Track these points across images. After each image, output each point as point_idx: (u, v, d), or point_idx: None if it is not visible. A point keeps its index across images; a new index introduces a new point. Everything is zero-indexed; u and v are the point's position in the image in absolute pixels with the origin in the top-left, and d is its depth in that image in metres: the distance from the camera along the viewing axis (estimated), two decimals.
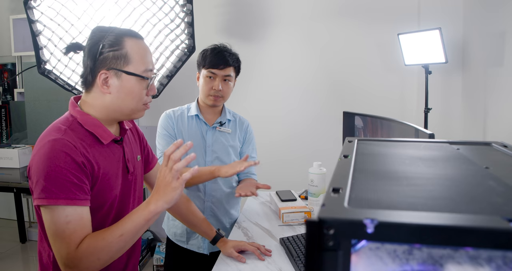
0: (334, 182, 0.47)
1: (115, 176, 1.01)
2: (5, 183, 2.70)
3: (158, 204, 0.90)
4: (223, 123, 1.61)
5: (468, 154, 0.68)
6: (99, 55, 0.95)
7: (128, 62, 0.96)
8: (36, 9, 2.20)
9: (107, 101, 0.97)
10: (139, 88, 0.98)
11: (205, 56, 1.53)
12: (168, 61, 2.55)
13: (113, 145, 1.02)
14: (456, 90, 2.69)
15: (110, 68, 0.95)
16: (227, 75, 1.53)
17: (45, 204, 0.86)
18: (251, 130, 1.72)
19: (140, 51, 0.98)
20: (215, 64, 1.50)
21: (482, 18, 2.42)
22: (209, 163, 1.58)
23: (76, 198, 0.87)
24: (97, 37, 0.96)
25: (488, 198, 0.44)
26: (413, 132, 1.51)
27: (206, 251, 1.59)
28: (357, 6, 2.79)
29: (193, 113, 1.59)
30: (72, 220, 0.87)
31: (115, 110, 0.99)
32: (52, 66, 2.32)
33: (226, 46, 1.56)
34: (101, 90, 0.96)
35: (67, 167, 0.87)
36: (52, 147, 0.87)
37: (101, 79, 0.95)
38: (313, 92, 2.93)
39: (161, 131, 1.58)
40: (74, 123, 0.96)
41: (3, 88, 3.65)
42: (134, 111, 1.01)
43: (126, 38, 0.96)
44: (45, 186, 0.86)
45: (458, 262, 0.33)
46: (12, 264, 2.97)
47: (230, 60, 1.52)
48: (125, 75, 0.96)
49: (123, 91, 0.96)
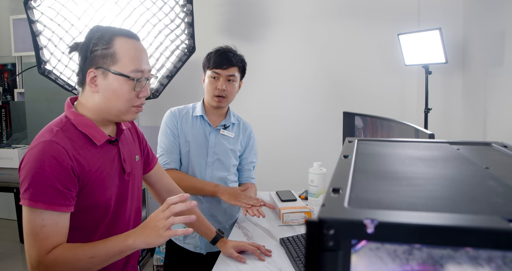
0: (334, 182, 0.47)
1: (109, 177, 1.01)
2: (5, 183, 2.70)
3: (137, 242, 0.89)
4: (227, 127, 1.62)
5: (468, 154, 0.68)
6: (90, 54, 0.95)
7: (115, 61, 0.94)
8: (36, 9, 2.20)
9: (96, 100, 0.97)
10: (126, 89, 0.96)
11: (210, 58, 1.55)
12: (168, 61, 2.55)
13: (107, 146, 1.02)
14: (456, 90, 2.69)
15: (98, 67, 0.94)
16: (231, 75, 1.54)
17: (25, 204, 0.87)
18: (254, 135, 1.73)
19: (130, 51, 0.96)
20: (219, 64, 1.51)
21: (482, 18, 2.42)
22: (210, 163, 1.59)
23: (55, 203, 0.88)
24: (90, 36, 0.96)
25: (488, 198, 0.44)
26: (413, 132, 1.51)
27: (203, 251, 1.59)
28: (357, 6, 2.79)
29: (198, 113, 1.60)
30: (48, 224, 0.88)
31: (104, 111, 0.98)
32: (52, 67, 2.32)
33: (231, 48, 1.58)
34: (90, 89, 0.96)
35: (52, 172, 0.87)
36: (42, 150, 0.88)
37: (89, 78, 0.95)
38: (313, 92, 2.93)
39: (164, 129, 1.59)
40: (67, 124, 0.95)
41: (3, 89, 3.65)
42: (122, 113, 0.98)
43: (117, 37, 0.95)
44: (27, 187, 0.87)
45: (458, 262, 0.33)
46: (12, 264, 2.97)
47: (234, 60, 1.53)
48: (112, 74, 0.94)
49: (109, 91, 0.95)
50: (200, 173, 1.58)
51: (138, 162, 1.14)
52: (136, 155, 1.13)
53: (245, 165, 1.72)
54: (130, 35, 0.98)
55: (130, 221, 1.11)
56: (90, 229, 0.98)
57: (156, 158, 1.28)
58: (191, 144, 1.57)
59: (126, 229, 1.09)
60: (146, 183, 1.27)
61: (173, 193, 1.32)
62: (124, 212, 1.07)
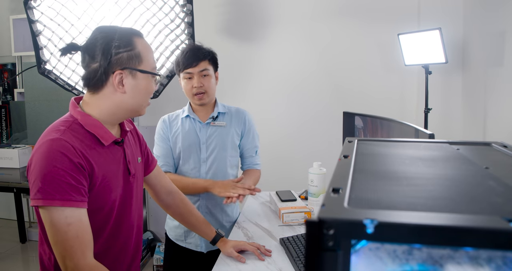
0: (334, 182, 0.47)
1: (115, 178, 1.01)
2: (5, 183, 2.70)
3: None
4: (215, 118, 1.62)
5: (468, 154, 0.68)
6: (113, 56, 0.95)
7: (141, 61, 0.99)
8: (36, 9, 2.20)
9: (118, 100, 0.98)
10: (152, 85, 1.03)
11: (178, 61, 1.57)
12: (168, 61, 2.55)
13: (113, 147, 1.02)
14: (456, 90, 2.69)
15: (124, 67, 0.96)
16: (203, 70, 1.54)
17: (40, 204, 0.85)
18: (250, 119, 1.69)
19: (148, 49, 1.02)
20: (187, 64, 1.53)
21: (482, 18, 2.42)
22: (204, 159, 1.59)
23: (72, 199, 0.86)
24: (106, 38, 0.96)
25: (488, 198, 0.44)
26: (413, 132, 1.51)
27: (203, 249, 1.59)
28: (357, 7, 2.79)
29: (185, 114, 1.62)
30: (73, 222, 0.86)
31: (125, 109, 1.00)
32: (52, 66, 2.32)
33: (196, 44, 1.60)
34: (116, 90, 0.97)
35: (63, 168, 0.86)
36: (50, 147, 0.87)
37: (117, 79, 0.96)
38: (313, 92, 2.93)
39: (157, 137, 1.64)
40: (74, 124, 0.95)
41: (3, 88, 3.65)
42: (143, 107, 1.04)
43: (135, 38, 0.99)
44: (40, 186, 0.85)
45: (458, 262, 0.33)
46: (12, 264, 2.97)
47: (201, 55, 1.54)
48: (140, 73, 0.99)
49: (138, 89, 0.99)
50: (195, 171, 1.58)
51: (140, 163, 1.14)
52: (138, 157, 1.14)
53: (246, 151, 1.69)
54: (141, 34, 1.03)
55: (134, 222, 1.10)
56: (95, 231, 0.95)
57: (155, 160, 1.28)
58: (182, 144, 1.58)
59: (131, 231, 1.09)
60: (146, 185, 1.27)
61: (173, 195, 1.32)
62: (129, 214, 1.07)
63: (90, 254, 0.89)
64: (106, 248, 1.01)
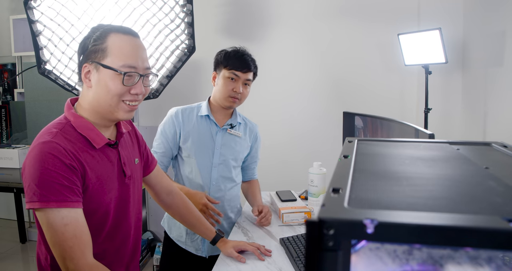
0: (334, 182, 0.47)
1: (110, 180, 1.00)
2: (5, 183, 2.70)
3: None
4: (233, 126, 1.60)
5: (468, 154, 0.68)
6: (86, 50, 0.95)
7: (106, 55, 0.94)
8: (36, 9, 2.20)
9: (89, 97, 0.97)
10: (115, 83, 0.94)
11: (228, 57, 1.51)
12: (168, 61, 2.55)
13: (107, 149, 1.01)
14: (456, 90, 2.69)
15: (91, 61, 0.95)
16: (248, 80, 1.54)
17: (36, 207, 0.85)
18: (259, 136, 1.72)
19: (123, 46, 0.95)
20: (239, 67, 1.50)
21: (482, 18, 2.42)
22: (216, 164, 1.56)
23: (67, 199, 0.86)
24: (90, 33, 0.97)
25: (488, 198, 0.44)
26: (413, 132, 1.51)
27: (204, 254, 1.58)
28: (357, 7, 2.79)
29: (203, 113, 1.57)
30: (69, 222, 0.86)
31: (96, 107, 0.97)
32: (52, 67, 2.32)
33: (246, 50, 1.57)
34: (85, 85, 0.97)
35: (56, 169, 0.86)
36: (41, 150, 0.87)
37: (84, 73, 0.95)
38: (313, 92, 2.93)
39: (161, 130, 1.58)
40: (67, 126, 0.95)
41: (3, 89, 3.65)
42: (113, 108, 0.96)
43: (112, 33, 0.95)
44: (35, 189, 0.85)
45: (458, 262, 0.33)
46: (12, 264, 2.97)
47: (252, 65, 1.55)
48: (102, 68, 0.94)
49: (100, 85, 0.95)
50: (205, 174, 1.55)
51: (137, 165, 1.13)
52: (135, 158, 1.13)
53: (250, 164, 1.72)
54: (126, 32, 0.97)
55: (132, 223, 1.10)
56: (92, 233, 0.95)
57: (155, 160, 1.27)
58: (196, 144, 1.54)
59: (129, 231, 1.09)
60: (146, 185, 1.27)
61: (173, 195, 1.32)
62: (126, 215, 1.07)
63: (90, 253, 0.89)
64: (104, 248, 1.01)
